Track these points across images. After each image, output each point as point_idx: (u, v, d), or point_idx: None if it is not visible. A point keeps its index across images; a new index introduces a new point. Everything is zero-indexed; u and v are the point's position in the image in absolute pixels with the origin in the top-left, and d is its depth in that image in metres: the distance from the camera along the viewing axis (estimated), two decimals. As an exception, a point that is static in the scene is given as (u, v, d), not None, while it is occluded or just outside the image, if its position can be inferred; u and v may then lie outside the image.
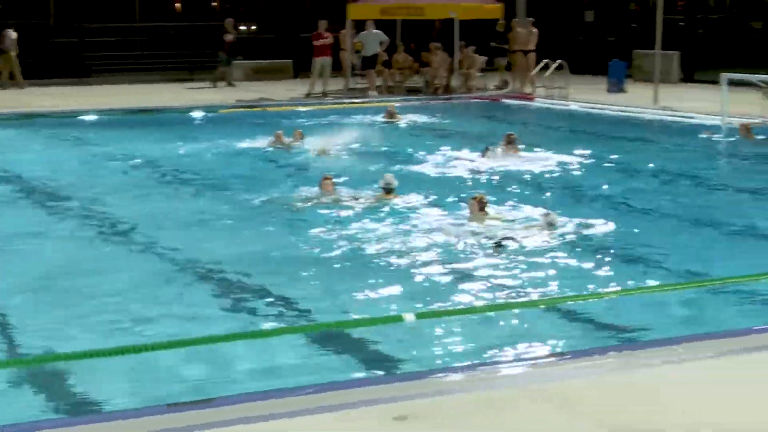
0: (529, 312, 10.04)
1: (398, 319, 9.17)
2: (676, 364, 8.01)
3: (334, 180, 15.31)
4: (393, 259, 11.92)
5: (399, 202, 14.73)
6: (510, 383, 7.73)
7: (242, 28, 39.97)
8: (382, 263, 11.78)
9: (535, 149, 19.94)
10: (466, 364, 8.35)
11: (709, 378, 7.77)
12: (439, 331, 9.38)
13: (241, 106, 28.08)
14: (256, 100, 29.21)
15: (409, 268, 11.60)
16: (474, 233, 12.85)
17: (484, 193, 14.01)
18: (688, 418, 7.03)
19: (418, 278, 11.24)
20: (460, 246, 12.39)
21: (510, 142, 19.04)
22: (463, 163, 18.54)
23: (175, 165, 18.85)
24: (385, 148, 20.28)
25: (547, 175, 17.55)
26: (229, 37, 32.51)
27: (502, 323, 9.66)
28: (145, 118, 25.86)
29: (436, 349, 8.95)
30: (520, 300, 10.44)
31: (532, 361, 8.28)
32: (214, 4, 40.06)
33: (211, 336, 8.56)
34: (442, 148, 20.18)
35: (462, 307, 10.08)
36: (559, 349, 8.80)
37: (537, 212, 13.96)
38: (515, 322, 9.71)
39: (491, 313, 9.88)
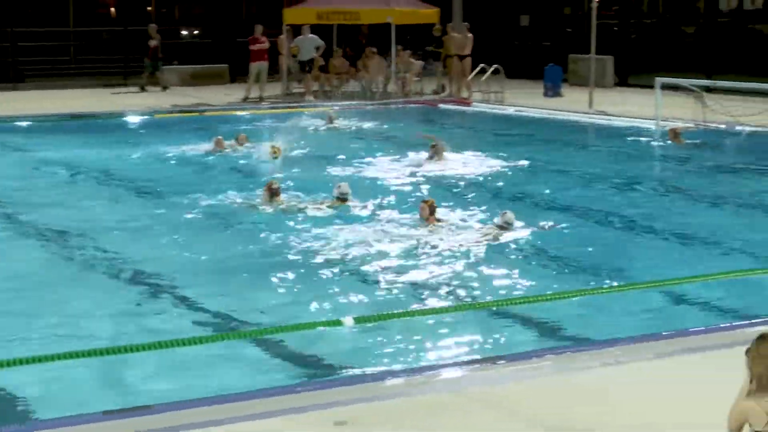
0: (469, 315, 10.07)
1: (337, 323, 9.16)
2: (614, 366, 8.08)
3: (279, 186, 15.16)
4: (342, 265, 11.87)
5: (351, 209, 14.69)
6: (449, 387, 7.76)
7: (184, 33, 39.85)
8: (329, 269, 11.70)
9: (473, 153, 20.05)
10: (405, 368, 8.36)
11: (648, 379, 7.85)
12: (379, 335, 9.38)
13: (178, 111, 27.89)
14: (192, 105, 29.03)
15: (357, 273, 11.59)
16: (424, 238, 12.88)
17: (432, 198, 14.01)
18: (630, 420, 7.09)
19: (366, 283, 11.21)
20: (409, 251, 12.39)
21: (436, 152, 19.08)
22: (407, 168, 18.54)
23: (113, 171, 18.56)
24: (329, 153, 20.20)
25: (484, 179, 17.61)
26: (153, 43, 32.40)
27: (441, 327, 9.67)
28: (80, 124, 25.55)
29: (376, 354, 8.94)
30: (457, 304, 10.46)
31: (471, 365, 8.30)
32: (149, 8, 39.76)
33: (151, 342, 8.49)
34: (385, 153, 20.22)
35: (402, 310, 10.07)
36: (497, 353, 8.82)
37: (480, 215, 14.08)
38: (455, 325, 9.73)
39: (431, 317, 9.90)
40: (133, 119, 26.41)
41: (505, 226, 13.13)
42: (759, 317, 9.53)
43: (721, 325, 9.34)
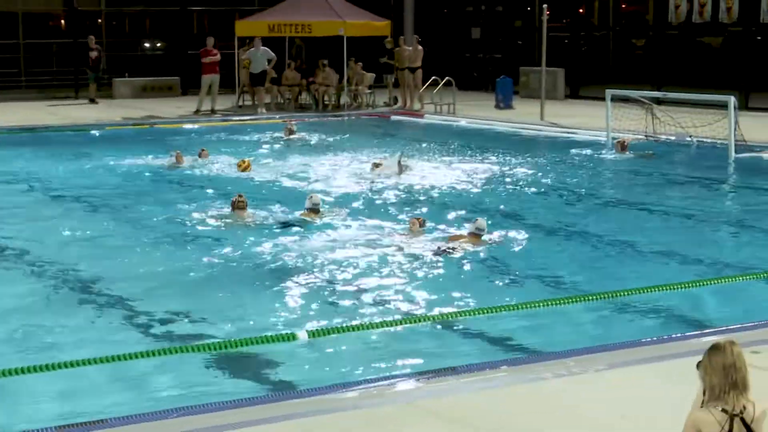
0: (422, 327, 10.07)
1: (292, 337, 9.15)
2: (568, 377, 8.12)
3: (245, 201, 15.02)
4: (306, 277, 11.83)
5: (325, 220, 14.68)
6: (403, 399, 7.76)
7: (147, 45, 39.81)
8: (291, 282, 11.66)
9: (428, 164, 20.15)
10: (359, 380, 8.35)
11: (601, 390, 7.91)
12: (334, 347, 9.38)
13: (130, 124, 27.75)
14: (144, 117, 28.90)
15: (322, 285, 11.56)
16: (395, 248, 12.93)
17: (422, 217, 14.03)
18: (584, 429, 7.13)
19: (331, 296, 11.16)
20: (378, 262, 12.40)
21: (376, 165, 19.28)
22: (368, 178, 18.58)
23: (68, 185, 18.32)
24: (292, 166, 20.21)
25: (440, 191, 17.64)
26: (93, 54, 32.38)
27: (396, 339, 9.69)
28: (30, 137, 25.35)
29: (331, 366, 8.93)
30: (409, 316, 10.46)
31: (425, 377, 8.30)
32: (99, 21, 39.55)
33: (106, 356, 8.44)
34: (345, 165, 20.33)
35: (356, 323, 10.06)
36: (452, 364, 8.83)
37: (450, 224, 14.16)
38: (410, 337, 9.75)
39: (386, 329, 9.89)
40: (85, 132, 26.21)
41: (478, 233, 13.20)
42: (710, 327, 9.64)
43: (673, 336, 9.41)
